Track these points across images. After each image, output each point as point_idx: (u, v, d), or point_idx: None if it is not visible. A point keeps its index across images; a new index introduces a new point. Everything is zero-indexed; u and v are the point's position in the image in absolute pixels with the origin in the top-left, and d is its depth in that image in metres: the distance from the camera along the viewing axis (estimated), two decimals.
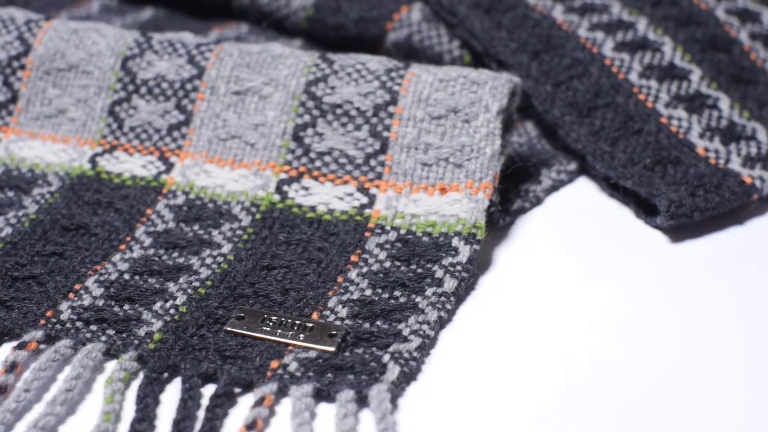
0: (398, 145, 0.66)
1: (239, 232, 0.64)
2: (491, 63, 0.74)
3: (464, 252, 0.62)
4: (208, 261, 0.63)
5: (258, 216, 0.65)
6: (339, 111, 0.67)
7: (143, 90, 0.69)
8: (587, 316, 0.60)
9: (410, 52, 0.77)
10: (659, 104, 0.71)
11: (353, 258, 0.63)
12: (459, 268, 0.61)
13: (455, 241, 0.62)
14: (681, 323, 0.60)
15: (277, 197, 0.66)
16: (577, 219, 0.67)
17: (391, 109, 0.67)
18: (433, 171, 0.65)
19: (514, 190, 0.68)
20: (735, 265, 0.64)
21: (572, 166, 0.70)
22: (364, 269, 0.62)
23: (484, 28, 0.75)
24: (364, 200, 0.65)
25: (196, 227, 0.65)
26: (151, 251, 0.63)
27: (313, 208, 0.65)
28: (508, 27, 0.75)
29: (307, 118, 0.67)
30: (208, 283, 0.61)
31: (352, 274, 0.61)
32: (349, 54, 0.69)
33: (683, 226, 0.65)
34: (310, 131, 0.67)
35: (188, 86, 0.69)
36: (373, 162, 0.66)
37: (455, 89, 0.67)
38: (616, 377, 0.57)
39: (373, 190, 0.65)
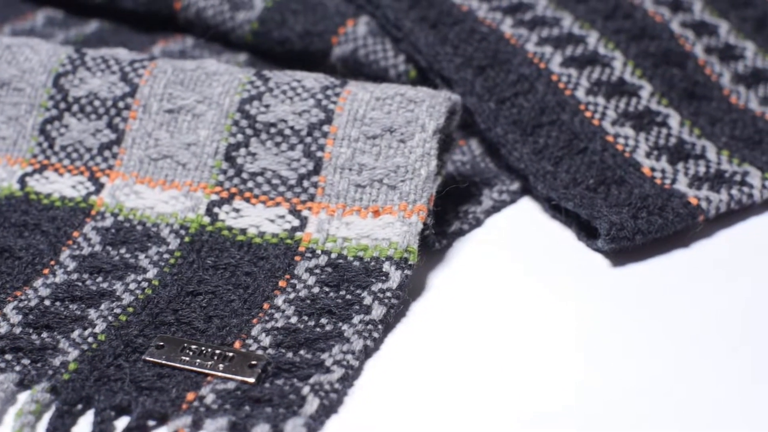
0: (332, 166, 0.64)
1: (166, 255, 0.62)
2: (436, 79, 0.72)
3: (395, 277, 0.60)
4: (132, 286, 0.61)
5: (187, 239, 0.63)
6: (273, 130, 0.65)
7: (75, 108, 0.68)
8: (523, 345, 0.58)
9: (356, 67, 0.75)
10: (606, 122, 0.69)
11: (281, 283, 0.61)
12: (388, 294, 0.59)
13: (386, 266, 0.60)
14: (621, 351, 0.58)
15: (207, 219, 0.64)
16: (517, 242, 0.65)
17: (325, 128, 0.65)
18: (367, 193, 0.63)
19: (452, 211, 0.66)
20: (678, 289, 0.62)
21: (515, 185, 0.68)
22: (292, 295, 0.60)
23: (428, 43, 0.73)
24: (296, 223, 0.63)
25: (122, 251, 0.63)
26: (75, 276, 0.61)
27: (243, 231, 0.63)
28: (454, 42, 0.73)
29: (240, 137, 0.65)
30: (130, 309, 0.59)
31: (279, 301, 0.60)
32: (285, 71, 0.67)
33: (625, 250, 0.63)
34: (243, 151, 0.65)
35: (120, 104, 0.67)
36: (306, 183, 0.64)
37: (392, 108, 0.65)
38: (552, 406, 0.55)
39: (305, 213, 0.63)
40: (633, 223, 0.63)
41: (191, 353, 0.57)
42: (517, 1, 0.77)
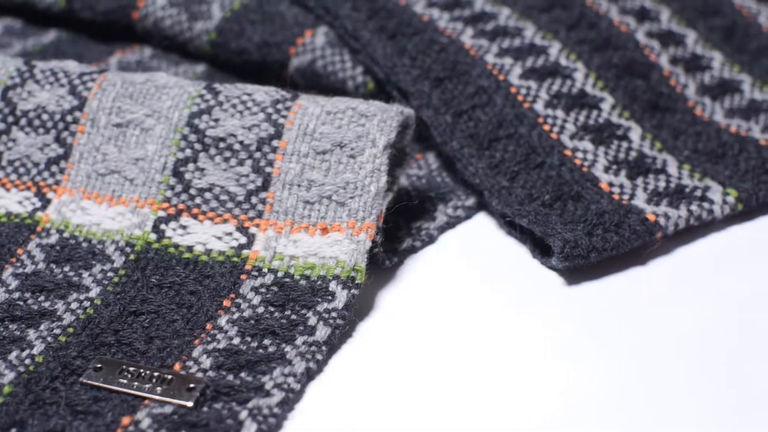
0: (281, 182, 0.63)
1: (110, 274, 0.61)
2: (393, 91, 0.71)
3: (341, 297, 0.59)
4: (74, 306, 0.59)
5: (132, 257, 0.62)
6: (222, 145, 0.64)
7: (23, 122, 0.66)
8: (473, 367, 0.57)
9: (314, 78, 0.74)
10: (564, 135, 0.68)
11: (226, 303, 0.59)
12: (334, 314, 0.58)
13: (332, 285, 0.59)
14: (575, 372, 0.57)
15: (153, 236, 0.63)
16: (471, 259, 0.64)
17: (275, 143, 0.63)
18: (315, 210, 0.62)
19: (405, 227, 0.65)
20: (634, 308, 0.61)
21: (470, 201, 0.67)
22: (235, 315, 0.59)
23: (386, 54, 0.71)
24: (243, 240, 0.62)
25: (66, 268, 0.62)
26: (17, 295, 0.60)
27: (190, 249, 0.62)
28: (412, 53, 0.71)
29: (188, 152, 0.64)
30: (70, 330, 0.58)
31: (222, 321, 0.58)
32: (237, 84, 0.66)
33: (580, 268, 0.62)
34: (191, 166, 0.64)
35: (69, 118, 0.66)
36: (254, 199, 0.63)
37: (342, 122, 0.63)
38: (503, 428, 0.54)
39: (252, 230, 0.62)
40: (588, 241, 0.61)
41: (129, 376, 0.55)
42: (480, 11, 0.76)
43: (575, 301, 0.61)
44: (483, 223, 0.66)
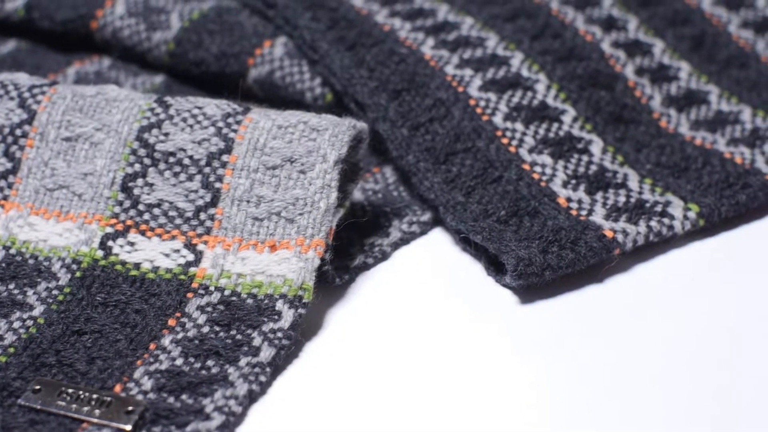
0: (230, 198, 0.61)
1: (55, 292, 0.60)
2: (350, 103, 0.69)
3: (287, 317, 0.57)
4: (16, 325, 0.58)
5: (78, 274, 0.61)
6: (172, 160, 0.63)
7: None
8: (423, 390, 0.56)
9: (272, 90, 0.73)
10: (523, 149, 0.66)
11: (171, 322, 0.58)
12: (279, 334, 0.57)
13: (279, 305, 0.58)
14: (529, 397, 0.56)
15: (100, 253, 0.61)
16: (424, 277, 0.62)
17: (225, 158, 0.62)
18: (264, 226, 0.61)
19: (358, 244, 0.63)
20: (589, 327, 0.59)
21: (426, 216, 0.65)
22: (180, 335, 0.57)
23: (343, 66, 0.70)
24: (190, 257, 0.61)
25: (11, 286, 0.60)
26: None
27: (137, 266, 0.61)
28: (371, 64, 0.70)
29: (137, 167, 0.63)
30: (11, 350, 0.57)
31: (166, 341, 0.57)
32: (188, 97, 0.64)
33: (535, 286, 0.61)
34: (140, 181, 0.63)
35: (18, 132, 0.65)
36: (203, 215, 0.61)
37: (293, 137, 0.62)
38: None
39: (200, 247, 0.61)
40: (542, 258, 0.60)
41: (68, 398, 0.54)
42: (442, 21, 0.74)
43: (529, 320, 0.60)
44: (438, 239, 0.65)
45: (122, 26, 0.76)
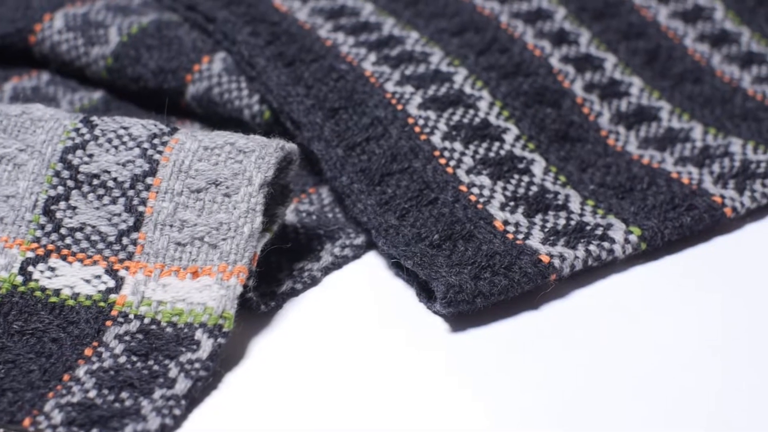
0: (153, 222, 0.60)
1: None
2: (286, 122, 0.67)
3: (206, 347, 0.55)
4: None
5: None
6: (95, 182, 0.61)
7: None
8: (348, 422, 0.54)
9: (210, 107, 0.71)
10: (461, 170, 0.64)
11: (87, 351, 0.56)
12: (197, 365, 0.55)
13: (198, 334, 0.56)
14: (459, 428, 0.54)
15: (20, 279, 0.59)
16: (355, 303, 0.60)
17: (149, 180, 0.60)
18: (187, 252, 0.59)
19: (287, 268, 0.61)
20: (522, 356, 0.57)
21: (360, 239, 0.63)
22: (95, 365, 0.55)
23: (280, 83, 0.68)
24: (111, 284, 0.59)
25: None
26: None
27: (57, 292, 0.59)
28: (308, 81, 0.68)
29: (60, 189, 0.61)
30: None
31: (80, 372, 0.55)
32: (115, 117, 0.63)
33: (467, 313, 0.59)
34: (62, 204, 0.61)
35: None
36: (125, 240, 0.60)
37: (219, 158, 0.60)
38: None
39: (122, 273, 0.59)
40: (473, 285, 0.58)
41: None
42: (387, 35, 0.72)
43: (461, 349, 0.57)
44: (372, 264, 0.63)
45: (60, 41, 0.74)
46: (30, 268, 0.60)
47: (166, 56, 0.72)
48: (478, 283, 0.58)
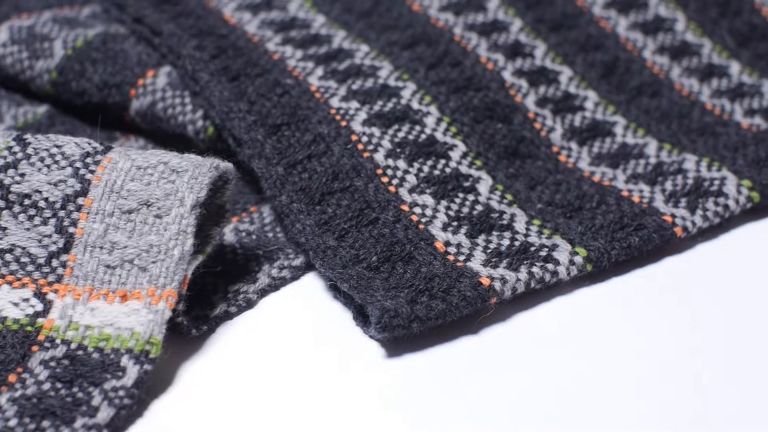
0: (83, 244, 0.58)
1: None
2: (228, 138, 0.66)
3: (131, 373, 0.54)
4: None
5: None
6: (27, 202, 0.59)
7: None
8: None
9: (154, 122, 0.69)
10: (403, 189, 0.62)
11: (11, 378, 0.55)
12: (121, 393, 0.53)
13: (124, 360, 0.55)
14: None
15: None
16: (290, 327, 0.59)
17: (80, 200, 0.59)
18: (116, 275, 0.57)
19: (222, 290, 0.60)
20: (461, 382, 0.56)
21: (299, 260, 0.62)
22: (18, 393, 0.54)
23: (222, 99, 0.66)
24: (39, 307, 0.57)
25: None
26: None
27: None
28: (252, 97, 0.66)
29: None
30: None
31: (2, 399, 0.54)
32: (49, 135, 0.61)
33: (403, 337, 0.57)
34: None
35: None
36: (55, 262, 0.58)
37: (152, 178, 0.59)
38: None
39: (50, 296, 0.58)
40: (409, 309, 0.56)
41: None
42: (336, 49, 0.71)
43: (395, 375, 0.56)
44: (310, 286, 0.61)
45: (5, 54, 0.73)
46: None
47: (110, 70, 0.70)
48: (414, 307, 0.56)
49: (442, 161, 0.64)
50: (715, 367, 0.57)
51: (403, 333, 0.56)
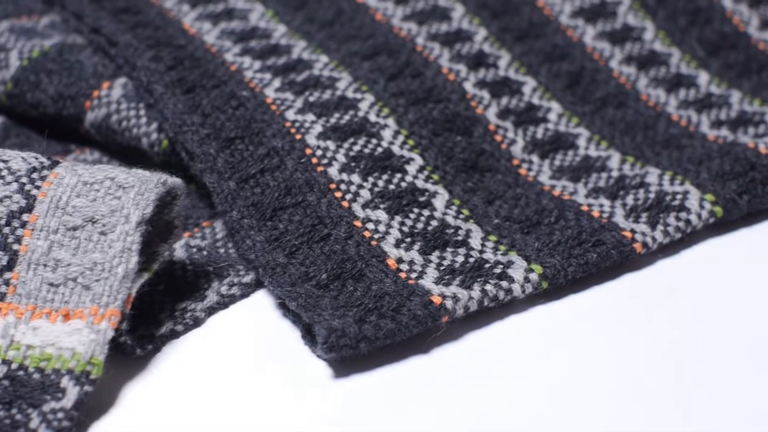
0: (26, 261, 0.57)
1: None
2: (181, 152, 0.65)
3: (71, 395, 0.53)
4: None
5: None
6: None
7: None
8: None
9: (109, 135, 0.68)
10: (357, 204, 0.61)
11: None
12: (60, 415, 0.52)
13: (65, 381, 0.53)
14: None
15: None
16: (238, 346, 0.58)
17: (25, 217, 0.58)
18: (60, 293, 0.56)
19: (169, 308, 0.59)
20: (410, 404, 0.55)
21: (249, 277, 0.61)
22: None
23: (176, 111, 0.65)
24: None
25: None
26: None
27: None
28: (206, 109, 0.65)
29: None
30: None
31: None
32: None
33: (351, 357, 0.56)
34: None
35: None
36: None
37: (98, 194, 0.58)
38: None
39: None
40: (357, 329, 0.55)
41: None
42: (295, 59, 0.70)
43: (342, 396, 0.55)
44: (260, 303, 0.60)
45: None
46: None
47: (65, 82, 0.69)
48: (362, 326, 0.55)
49: (398, 175, 0.63)
50: (675, 386, 0.56)
51: (350, 353, 0.55)
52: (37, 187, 0.58)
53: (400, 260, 0.59)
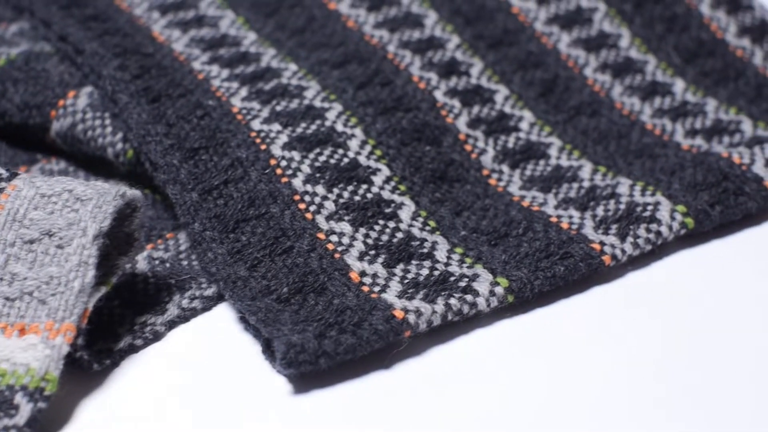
0: None
1: None
2: (146, 162, 0.64)
3: (24, 412, 0.52)
4: None
5: None
6: None
7: None
8: None
9: (75, 145, 0.67)
10: (321, 216, 0.60)
11: None
12: None
13: (18, 398, 0.53)
14: None
15: None
16: (198, 361, 0.57)
17: None
18: (16, 307, 0.55)
19: (128, 322, 0.58)
20: (371, 421, 0.54)
21: (211, 290, 0.60)
22: None
23: (140, 121, 0.64)
24: None
25: None
26: None
27: None
28: (171, 119, 0.64)
29: None
30: None
31: None
32: None
33: (311, 373, 0.55)
34: None
35: None
36: None
37: (56, 207, 0.57)
38: None
39: None
40: (317, 344, 0.54)
41: None
42: (264, 68, 0.69)
43: (300, 413, 0.54)
44: (221, 317, 0.59)
45: None
46: None
47: (31, 90, 0.68)
48: (322, 341, 0.54)
49: (364, 186, 0.62)
50: (644, 401, 0.55)
51: (310, 368, 0.54)
52: None
53: (363, 273, 0.58)
